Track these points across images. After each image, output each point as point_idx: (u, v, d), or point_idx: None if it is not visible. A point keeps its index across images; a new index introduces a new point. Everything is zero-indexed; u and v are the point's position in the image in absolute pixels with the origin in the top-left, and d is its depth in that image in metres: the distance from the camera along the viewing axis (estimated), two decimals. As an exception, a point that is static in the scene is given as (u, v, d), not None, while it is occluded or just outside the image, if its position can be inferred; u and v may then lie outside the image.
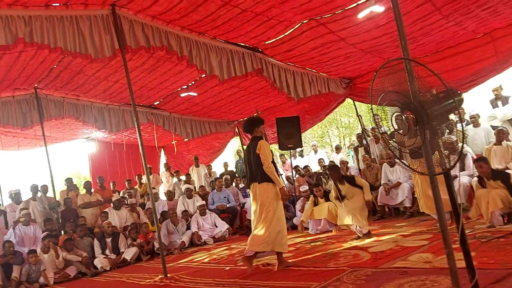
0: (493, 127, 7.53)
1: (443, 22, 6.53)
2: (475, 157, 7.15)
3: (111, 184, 10.69)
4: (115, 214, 8.84)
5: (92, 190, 9.72)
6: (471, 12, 6.24)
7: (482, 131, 7.70)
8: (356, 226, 5.91)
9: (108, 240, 7.87)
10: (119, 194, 10.23)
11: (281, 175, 5.99)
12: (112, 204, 9.11)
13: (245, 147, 12.52)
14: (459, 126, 2.45)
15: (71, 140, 11.66)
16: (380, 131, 3.06)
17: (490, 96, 8.24)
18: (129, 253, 7.77)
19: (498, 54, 7.30)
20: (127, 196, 10.03)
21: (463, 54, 7.64)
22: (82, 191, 9.98)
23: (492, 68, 7.56)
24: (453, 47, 7.69)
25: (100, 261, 7.53)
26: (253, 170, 5.06)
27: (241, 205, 10.08)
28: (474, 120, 7.86)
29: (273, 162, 5.02)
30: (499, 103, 7.98)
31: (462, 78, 7.78)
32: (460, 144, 2.50)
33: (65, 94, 8.40)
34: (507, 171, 6.19)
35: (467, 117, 7.93)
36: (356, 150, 10.06)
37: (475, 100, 9.87)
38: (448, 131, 5.79)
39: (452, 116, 2.70)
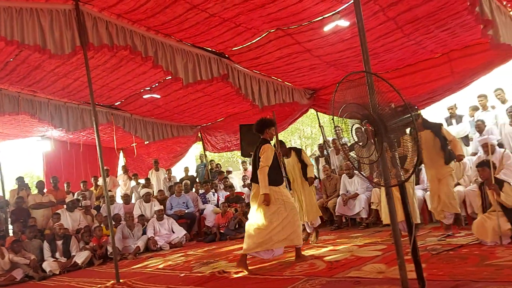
0: (447, 144, 7.84)
1: (404, 41, 6.76)
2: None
3: (65, 185, 10.32)
4: (68, 216, 8.55)
5: (45, 190, 9.35)
6: (431, 32, 6.49)
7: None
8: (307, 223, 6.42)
9: (59, 242, 7.59)
10: (73, 196, 9.90)
11: (285, 177, 6.16)
12: (65, 206, 8.80)
13: (207, 152, 12.49)
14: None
15: (25, 138, 11.18)
16: (341, 142, 3.11)
17: (445, 114, 8.59)
18: (80, 257, 7.52)
19: (454, 74, 7.61)
20: (81, 198, 9.72)
21: (421, 72, 7.91)
22: (34, 191, 9.58)
23: (448, 88, 7.87)
24: (413, 65, 7.94)
25: (49, 265, 7.24)
26: (255, 171, 5.19)
27: (200, 211, 9.98)
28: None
29: (278, 166, 5.21)
30: (453, 121, 8.32)
31: (420, 95, 8.05)
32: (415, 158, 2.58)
33: (21, 89, 8.04)
34: (458, 187, 6.46)
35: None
36: (317, 160, 10.21)
37: (432, 117, 10.24)
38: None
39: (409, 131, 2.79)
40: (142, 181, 11.38)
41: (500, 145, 6.92)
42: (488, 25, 4.71)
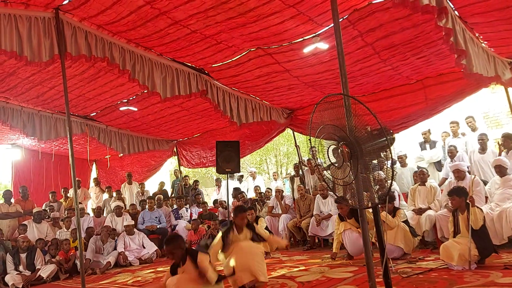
0: (420, 168, 8.01)
1: (381, 66, 6.93)
2: (401, 195, 7.55)
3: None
4: (35, 228, 8.27)
5: (13, 200, 9.05)
6: (407, 59, 6.69)
7: (409, 171, 8.16)
8: None
9: (23, 255, 7.31)
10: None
11: None
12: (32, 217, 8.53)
13: (182, 168, 12.36)
14: (389, 163, 2.57)
15: (-6, 145, 10.85)
16: (316, 163, 3.14)
17: (419, 139, 8.80)
18: (46, 271, 7.27)
19: (428, 101, 7.83)
20: (49, 210, 9.44)
21: (396, 97, 8.11)
22: (1, 200, 9.26)
23: (422, 113, 8.08)
24: (388, 90, 8.14)
25: (12, 278, 6.97)
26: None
27: (172, 226, 9.83)
28: (402, 160, 8.32)
29: None
30: (427, 146, 8.53)
31: (395, 119, 8.24)
32: (388, 182, 2.62)
33: (-8, 96, 7.85)
34: (429, 211, 6.57)
35: (394, 156, 8.38)
36: (292, 179, 10.24)
37: (405, 141, 10.49)
38: (378, 167, 6.09)
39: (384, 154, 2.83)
40: (115, 194, 11.17)
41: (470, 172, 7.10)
42: (462, 55, 4.88)
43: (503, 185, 6.19)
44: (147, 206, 9.87)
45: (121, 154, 11.21)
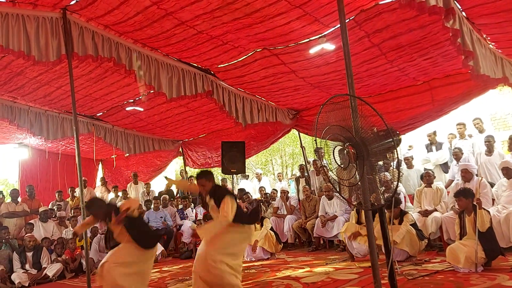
0: (426, 170, 7.97)
1: (388, 67, 6.90)
2: (407, 197, 7.51)
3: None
4: (41, 227, 8.31)
5: (19, 199, 9.10)
6: (414, 60, 6.65)
7: (415, 173, 8.12)
8: None
9: (29, 254, 7.35)
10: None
11: None
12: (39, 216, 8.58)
13: (188, 168, 12.37)
14: (395, 165, 2.56)
15: (1, 144, 10.91)
16: (321, 164, 3.13)
17: (425, 141, 8.75)
18: (51, 269, 7.30)
19: (434, 102, 7.78)
20: (56, 209, 9.49)
21: (403, 99, 8.06)
22: (8, 199, 9.33)
23: (428, 115, 8.03)
24: (395, 91, 8.09)
25: (18, 276, 7.01)
26: None
27: (178, 226, 9.84)
28: (408, 162, 8.27)
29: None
30: (433, 147, 8.48)
31: (401, 121, 8.19)
32: (394, 183, 2.61)
33: (0, 95, 7.90)
34: (435, 213, 6.53)
35: (401, 157, 8.33)
36: (297, 180, 10.21)
37: (411, 143, 10.44)
38: (384, 169, 6.06)
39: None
40: (121, 193, 11.21)
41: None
42: (469, 56, 4.84)
43: (510, 187, 6.14)
44: (152, 206, 9.88)
45: (127, 154, 11.24)
